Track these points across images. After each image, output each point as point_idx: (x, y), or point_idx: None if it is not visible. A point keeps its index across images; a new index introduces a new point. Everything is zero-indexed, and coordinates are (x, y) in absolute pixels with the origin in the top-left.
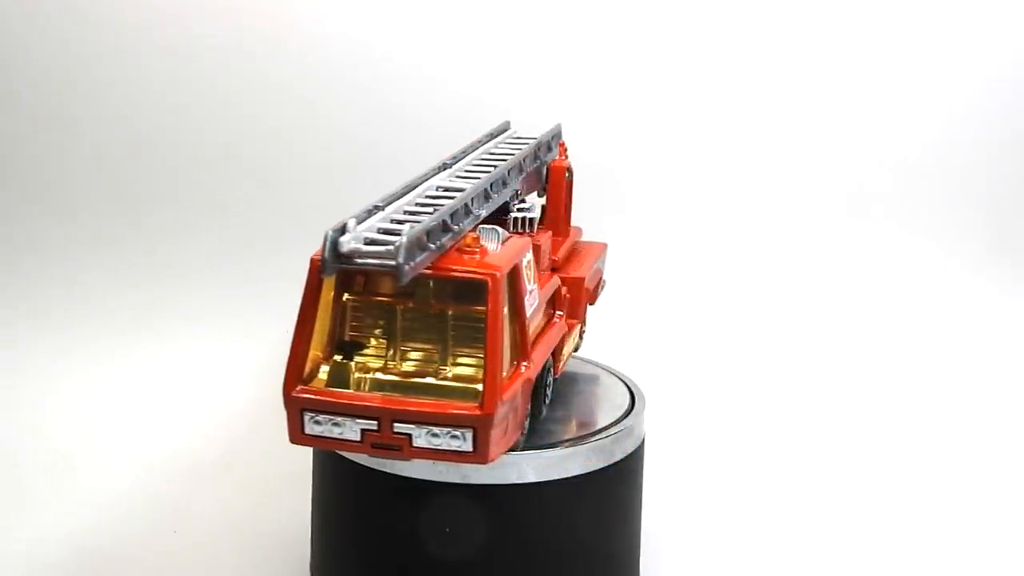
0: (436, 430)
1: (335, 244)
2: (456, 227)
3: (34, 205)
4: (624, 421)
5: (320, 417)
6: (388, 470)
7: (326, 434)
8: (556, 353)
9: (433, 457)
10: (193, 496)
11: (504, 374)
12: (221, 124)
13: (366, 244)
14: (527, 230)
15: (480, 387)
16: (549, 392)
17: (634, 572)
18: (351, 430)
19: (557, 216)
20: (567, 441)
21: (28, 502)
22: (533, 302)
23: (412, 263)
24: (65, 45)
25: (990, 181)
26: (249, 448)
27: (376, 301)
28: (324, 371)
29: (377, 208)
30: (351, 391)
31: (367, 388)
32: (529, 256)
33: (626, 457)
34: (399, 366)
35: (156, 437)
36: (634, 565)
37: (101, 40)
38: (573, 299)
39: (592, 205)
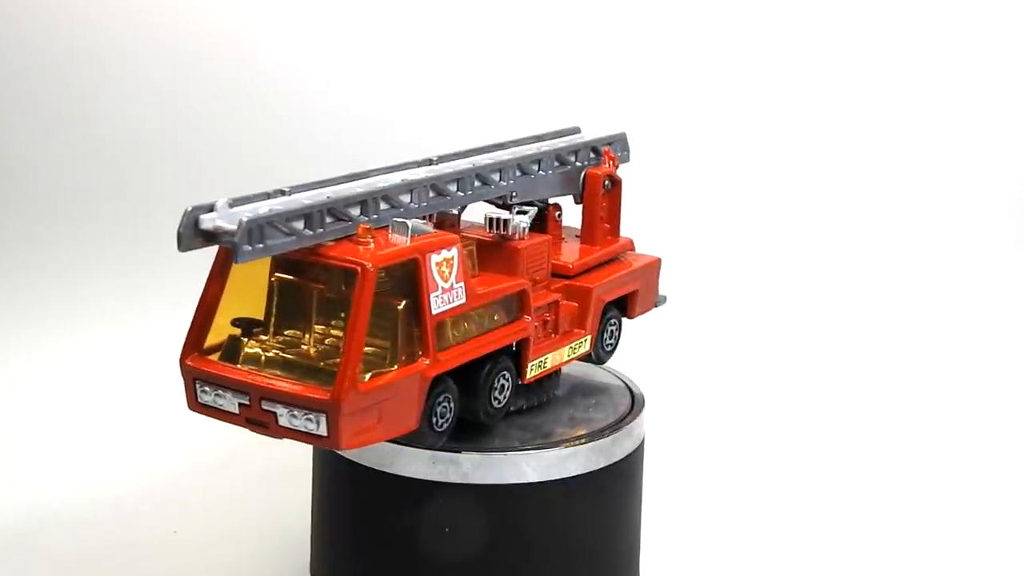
0: (296, 411)
1: (194, 221)
2: (366, 217)
3: (34, 206)
4: (624, 421)
5: (207, 387)
6: (388, 470)
7: (212, 404)
8: (523, 358)
9: (296, 438)
10: (193, 496)
11: (394, 366)
12: (221, 124)
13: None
14: (501, 230)
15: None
16: (500, 395)
17: (634, 572)
18: (231, 403)
19: (592, 224)
20: (567, 441)
21: (27, 502)
22: (452, 299)
23: (254, 245)
24: None
25: None
26: (249, 448)
27: (296, 283)
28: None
29: (281, 192)
30: (237, 366)
31: (262, 365)
32: (449, 254)
33: (626, 457)
34: (309, 348)
35: (155, 436)
36: (634, 565)
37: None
38: (581, 309)
39: None
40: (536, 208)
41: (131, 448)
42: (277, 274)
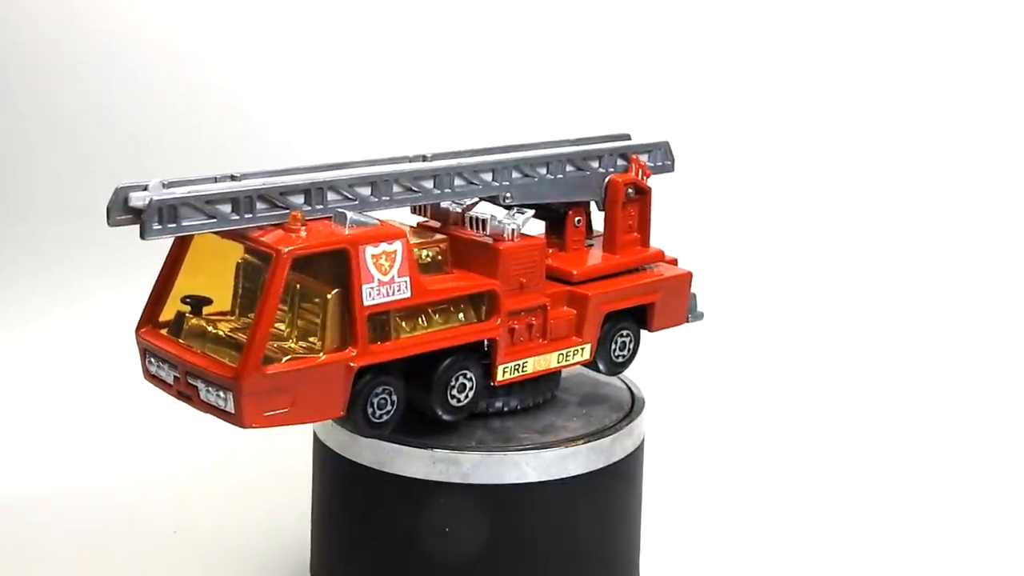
0: (211, 387)
1: (124, 198)
2: (310, 207)
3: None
4: (624, 421)
5: (153, 359)
6: (388, 470)
7: (156, 375)
8: (492, 359)
9: (214, 413)
10: (193, 496)
11: (322, 353)
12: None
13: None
14: (479, 229)
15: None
16: (461, 395)
17: (634, 572)
18: (168, 375)
19: (612, 232)
20: (567, 441)
21: (27, 501)
22: (391, 293)
23: (164, 224)
24: None
25: None
26: (249, 448)
27: (256, 266)
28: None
29: (231, 177)
30: (177, 341)
31: (205, 341)
32: (390, 247)
33: (626, 457)
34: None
35: (155, 436)
36: (634, 565)
37: None
38: (579, 316)
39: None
40: (533, 210)
41: (131, 448)
42: (244, 256)
